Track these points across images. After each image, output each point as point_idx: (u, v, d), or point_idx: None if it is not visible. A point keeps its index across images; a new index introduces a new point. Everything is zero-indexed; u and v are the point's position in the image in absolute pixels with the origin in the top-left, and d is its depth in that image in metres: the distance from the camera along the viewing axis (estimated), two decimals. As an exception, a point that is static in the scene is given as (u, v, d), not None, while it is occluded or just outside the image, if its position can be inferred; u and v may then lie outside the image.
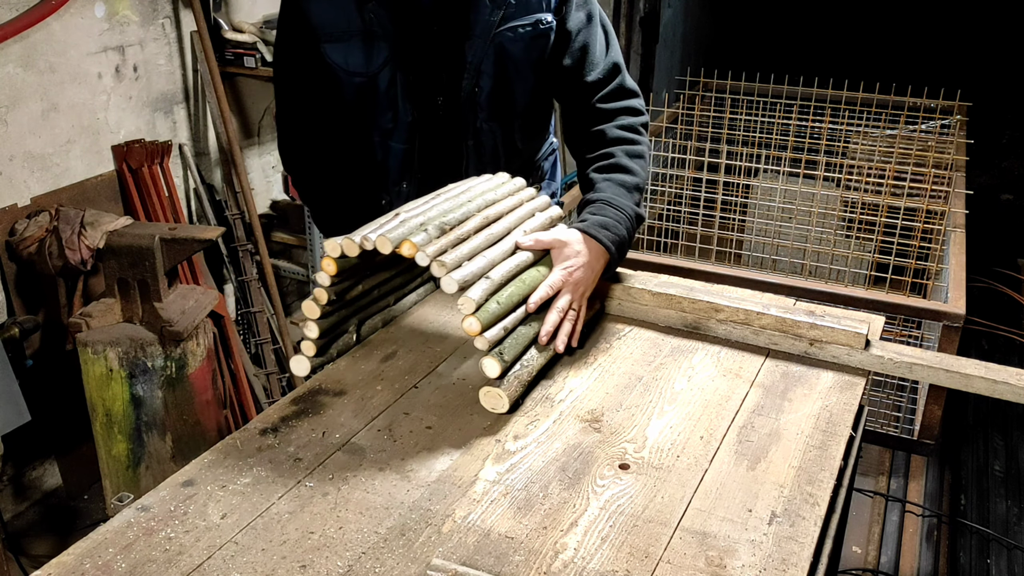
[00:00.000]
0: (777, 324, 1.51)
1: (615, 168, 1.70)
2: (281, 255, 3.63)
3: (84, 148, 2.85)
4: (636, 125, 1.78)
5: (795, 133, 3.35)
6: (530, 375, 1.39)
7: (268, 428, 1.30)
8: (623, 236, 1.58)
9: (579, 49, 1.78)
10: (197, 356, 2.56)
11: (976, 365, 1.44)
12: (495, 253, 1.41)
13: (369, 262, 1.50)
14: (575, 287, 1.48)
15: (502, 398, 1.33)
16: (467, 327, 1.32)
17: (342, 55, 1.72)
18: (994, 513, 2.91)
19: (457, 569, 1.02)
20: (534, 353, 1.41)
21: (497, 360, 1.33)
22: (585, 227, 1.55)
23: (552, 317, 1.45)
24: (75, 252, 2.57)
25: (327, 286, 1.42)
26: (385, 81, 1.73)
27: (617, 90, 1.80)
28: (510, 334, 1.38)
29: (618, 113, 1.79)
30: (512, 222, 1.51)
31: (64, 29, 2.72)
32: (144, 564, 1.04)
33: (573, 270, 1.48)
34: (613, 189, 1.66)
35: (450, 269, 1.33)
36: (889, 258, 2.96)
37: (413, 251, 1.33)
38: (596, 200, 1.63)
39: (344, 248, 1.37)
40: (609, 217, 1.59)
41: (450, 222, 1.41)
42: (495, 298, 1.36)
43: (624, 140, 1.75)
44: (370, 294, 1.56)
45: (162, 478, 1.28)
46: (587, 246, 1.52)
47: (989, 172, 6.29)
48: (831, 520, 1.19)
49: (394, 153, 1.80)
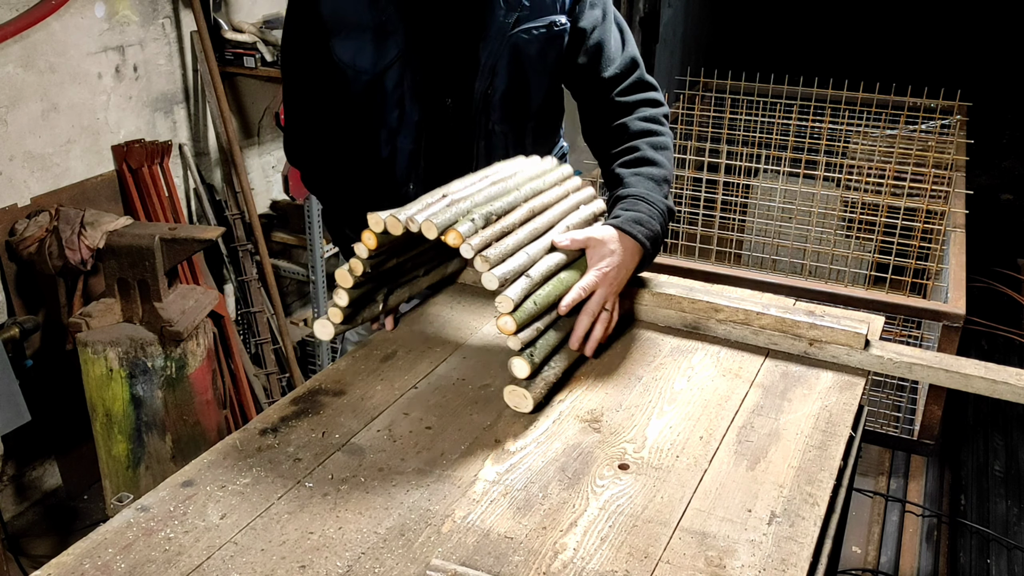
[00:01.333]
0: (777, 324, 1.51)
1: (642, 162, 1.69)
2: (281, 255, 3.64)
3: (84, 148, 2.85)
4: (658, 116, 1.78)
5: (795, 133, 3.35)
6: (556, 377, 1.39)
7: (268, 428, 1.30)
8: (657, 231, 1.57)
9: (594, 46, 1.78)
10: (197, 356, 2.56)
11: (976, 365, 1.44)
12: (536, 249, 1.40)
13: (408, 240, 1.47)
14: (608, 287, 1.47)
15: (527, 399, 1.33)
16: (502, 325, 1.32)
17: (351, 51, 1.70)
18: (994, 513, 2.91)
19: (456, 569, 1.02)
20: (561, 355, 1.41)
21: (527, 361, 1.33)
22: (619, 223, 1.54)
23: (584, 321, 1.44)
24: (75, 252, 2.57)
25: (364, 258, 1.40)
26: (393, 80, 1.71)
27: (636, 83, 1.80)
28: (542, 335, 1.37)
29: (638, 105, 1.78)
30: (556, 215, 1.49)
31: (64, 29, 2.72)
32: (144, 564, 1.04)
33: (607, 270, 1.47)
34: (644, 184, 1.64)
35: (493, 264, 1.32)
36: (889, 258, 2.96)
37: (459, 241, 1.31)
38: (628, 196, 1.62)
39: (388, 225, 1.34)
40: (643, 212, 1.57)
41: (496, 211, 1.38)
42: (532, 298, 1.35)
43: (648, 132, 1.74)
44: (402, 267, 1.55)
45: (162, 478, 1.28)
46: (622, 244, 1.50)
47: (989, 172, 6.29)
48: (831, 520, 1.19)
49: (400, 152, 1.78)
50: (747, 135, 3.57)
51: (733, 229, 3.44)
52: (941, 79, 3.88)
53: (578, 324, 1.44)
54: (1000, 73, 6.89)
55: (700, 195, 3.19)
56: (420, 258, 1.60)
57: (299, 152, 1.90)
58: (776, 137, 3.49)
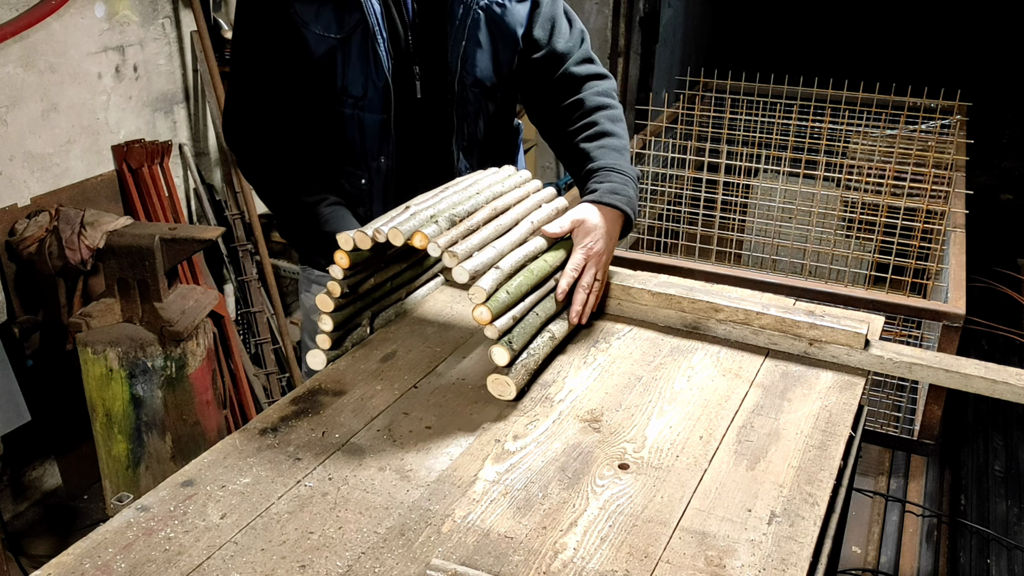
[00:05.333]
0: (777, 324, 1.51)
1: (604, 135, 1.76)
2: (281, 255, 3.64)
3: (84, 148, 2.85)
4: (609, 91, 1.85)
5: (795, 133, 3.35)
6: (536, 363, 1.42)
7: (268, 428, 1.30)
8: (632, 196, 1.66)
9: (547, 20, 1.83)
10: (197, 356, 2.56)
11: (976, 365, 1.44)
12: (504, 244, 1.44)
13: (381, 255, 1.52)
14: (597, 260, 1.55)
15: (509, 385, 1.36)
16: (477, 316, 1.35)
17: (312, 13, 1.65)
18: (994, 513, 2.91)
19: (456, 569, 1.02)
20: (540, 342, 1.44)
21: (506, 348, 1.36)
22: (598, 197, 1.62)
23: (580, 296, 1.52)
24: (75, 252, 2.57)
25: (340, 279, 1.44)
26: (357, 44, 1.67)
27: (586, 57, 1.87)
28: (518, 323, 1.41)
29: (589, 79, 1.84)
30: (520, 213, 1.54)
31: (64, 29, 2.72)
32: (144, 564, 1.04)
33: (592, 245, 1.54)
34: (610, 156, 1.73)
35: (461, 259, 1.36)
36: (889, 258, 2.96)
37: (425, 242, 1.35)
38: (599, 169, 1.70)
39: (356, 241, 1.39)
40: (616, 183, 1.66)
41: (460, 214, 1.43)
42: (504, 288, 1.39)
43: (603, 106, 1.81)
44: (383, 287, 1.58)
45: (162, 478, 1.28)
46: (603, 216, 1.59)
47: (989, 172, 6.29)
48: (831, 520, 1.19)
49: (368, 124, 1.74)
50: (747, 135, 3.56)
51: (733, 229, 3.44)
52: (941, 79, 3.87)
53: (575, 300, 1.52)
54: (1000, 73, 6.89)
55: (700, 195, 3.19)
56: (399, 277, 1.63)
57: (241, 131, 1.78)
58: (776, 137, 3.49)
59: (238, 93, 1.78)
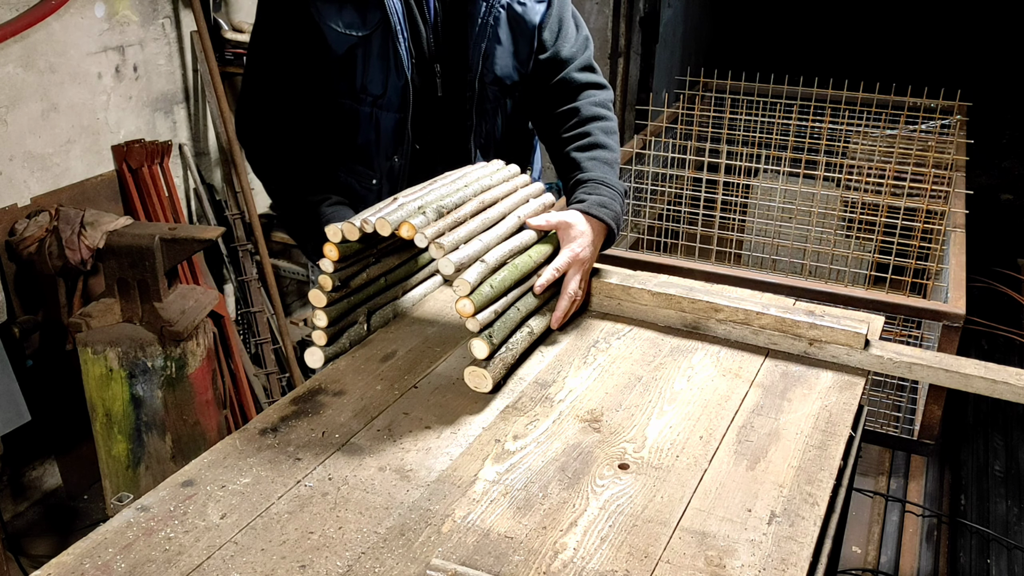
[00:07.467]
0: (777, 324, 1.51)
1: (596, 146, 1.79)
2: (281, 255, 3.64)
3: (84, 148, 2.85)
4: (605, 102, 1.87)
5: (795, 133, 3.35)
6: (514, 358, 1.44)
7: (268, 428, 1.30)
8: (618, 212, 1.69)
9: (556, 23, 1.84)
10: (197, 356, 2.56)
11: (976, 365, 1.44)
12: (490, 237, 1.45)
13: (372, 248, 1.52)
14: (580, 266, 1.56)
15: (486, 378, 1.38)
16: (460, 308, 1.36)
17: (334, 11, 1.66)
18: (994, 513, 2.90)
19: (456, 569, 1.02)
20: (519, 337, 1.46)
21: (486, 342, 1.38)
22: (586, 207, 1.64)
23: (563, 304, 1.54)
24: (75, 252, 2.57)
25: (330, 272, 1.44)
26: (378, 42, 1.68)
27: (587, 64, 1.89)
28: (499, 317, 1.42)
29: (588, 87, 1.86)
30: (507, 207, 1.55)
31: (64, 29, 2.72)
32: (144, 564, 1.04)
33: (579, 251, 1.56)
34: (601, 168, 1.75)
35: (448, 251, 1.36)
36: (889, 258, 2.96)
37: (412, 232, 1.36)
38: (589, 180, 1.72)
39: (344, 232, 1.40)
40: (605, 196, 1.68)
41: (447, 206, 1.44)
42: (488, 281, 1.40)
43: (598, 117, 1.83)
44: (377, 282, 1.58)
45: (162, 478, 1.28)
46: (590, 225, 1.61)
47: (989, 172, 6.28)
48: (831, 520, 1.19)
49: (384, 123, 1.75)
50: (747, 135, 3.56)
51: (733, 229, 3.44)
52: (941, 79, 3.87)
53: (559, 306, 1.55)
54: (1000, 73, 6.89)
55: (700, 195, 3.19)
56: (393, 274, 1.63)
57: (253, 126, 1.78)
58: (776, 137, 3.49)
59: (253, 88, 1.78)
